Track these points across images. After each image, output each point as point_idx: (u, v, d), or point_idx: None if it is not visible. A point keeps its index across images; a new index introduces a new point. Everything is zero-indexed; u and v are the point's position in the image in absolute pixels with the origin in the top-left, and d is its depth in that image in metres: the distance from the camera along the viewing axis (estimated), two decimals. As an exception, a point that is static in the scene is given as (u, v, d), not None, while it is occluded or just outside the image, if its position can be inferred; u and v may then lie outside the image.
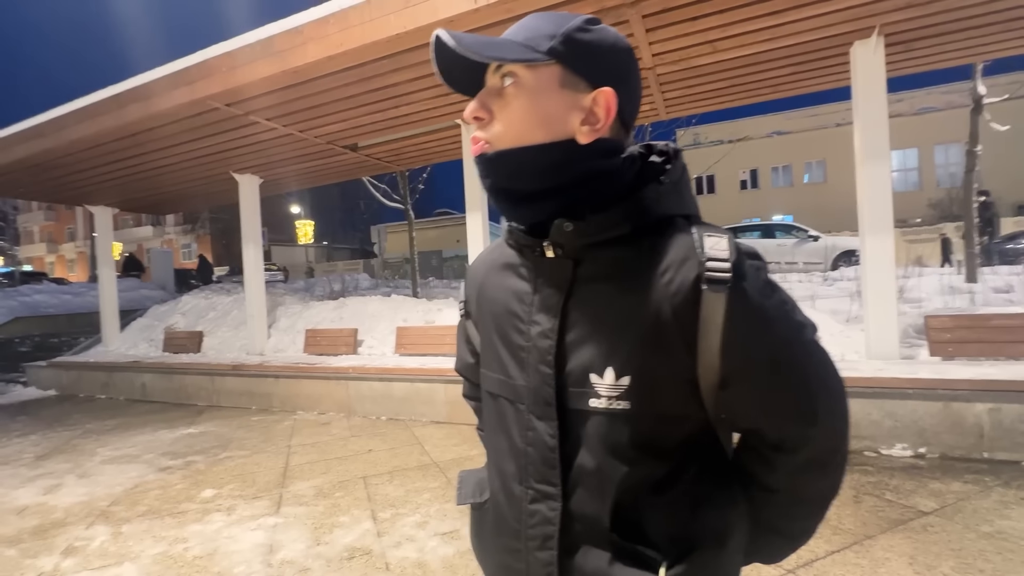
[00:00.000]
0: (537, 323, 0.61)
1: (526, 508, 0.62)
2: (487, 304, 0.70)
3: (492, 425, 0.69)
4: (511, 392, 0.64)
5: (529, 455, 0.61)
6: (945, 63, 4.74)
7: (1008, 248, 9.89)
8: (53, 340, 10.49)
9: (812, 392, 0.57)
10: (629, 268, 0.57)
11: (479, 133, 0.61)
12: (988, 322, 3.81)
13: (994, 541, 2.24)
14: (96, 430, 5.21)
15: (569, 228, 0.57)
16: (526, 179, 0.59)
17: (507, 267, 0.67)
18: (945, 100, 19.59)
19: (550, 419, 0.59)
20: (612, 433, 0.57)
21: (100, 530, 2.86)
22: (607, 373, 0.56)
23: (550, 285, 0.61)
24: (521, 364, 0.63)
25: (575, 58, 0.57)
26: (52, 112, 5.68)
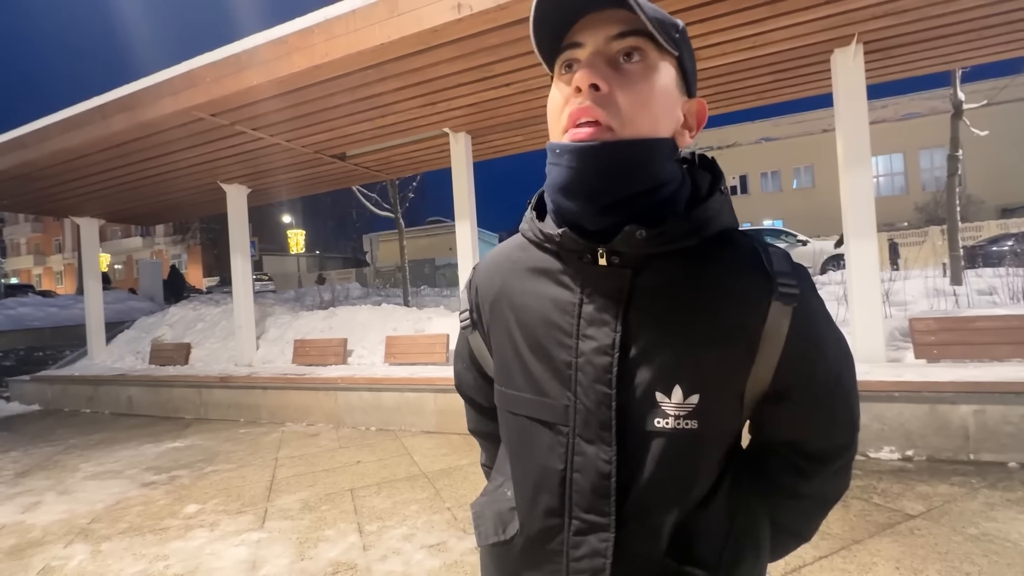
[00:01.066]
0: (591, 337, 0.54)
1: (570, 540, 0.55)
2: (511, 313, 0.61)
3: (517, 450, 0.61)
4: (549, 413, 0.57)
5: (576, 483, 0.55)
6: (923, 70, 4.83)
7: (992, 251, 10.04)
8: (38, 354, 10.31)
9: (855, 405, 0.60)
10: (692, 280, 0.54)
11: (601, 111, 0.50)
12: (972, 324, 3.85)
13: (980, 543, 2.24)
14: (79, 445, 5.12)
15: (642, 236, 0.51)
16: (636, 176, 0.52)
17: (539, 272, 0.59)
18: (928, 106, 19.98)
19: (605, 443, 0.53)
20: (676, 455, 0.53)
21: (79, 548, 2.79)
22: (675, 392, 0.52)
23: (604, 296, 0.54)
24: (565, 382, 0.55)
25: (688, 60, 0.55)
26: (36, 123, 5.62)
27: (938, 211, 17.42)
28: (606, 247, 0.53)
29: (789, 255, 0.56)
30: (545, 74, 4.41)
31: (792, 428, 0.60)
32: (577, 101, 0.51)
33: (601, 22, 0.51)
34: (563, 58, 0.54)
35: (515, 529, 0.61)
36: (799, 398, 0.56)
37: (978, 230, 13.67)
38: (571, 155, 0.51)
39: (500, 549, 0.63)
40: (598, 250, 0.54)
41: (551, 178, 0.55)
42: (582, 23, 0.52)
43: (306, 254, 28.70)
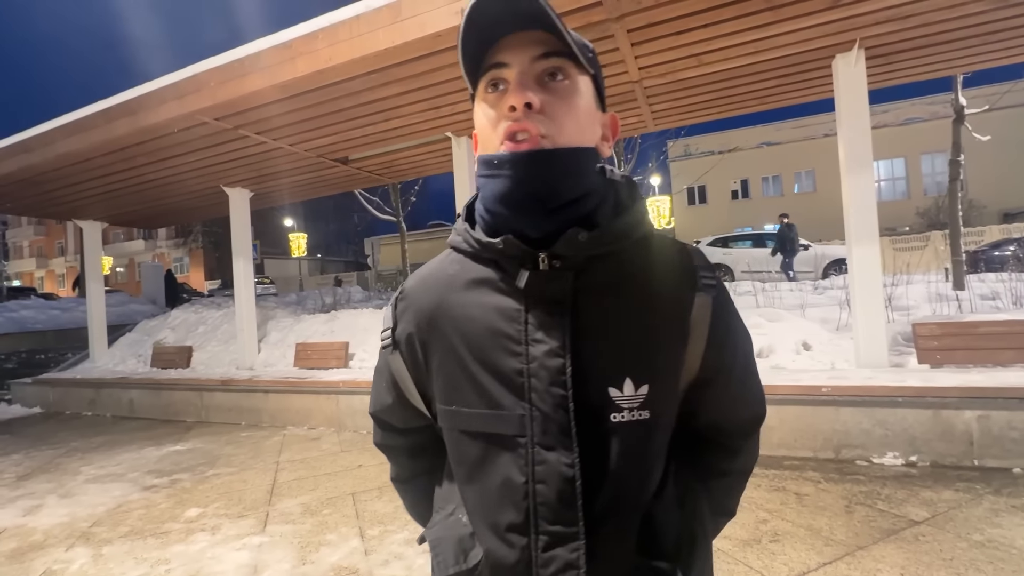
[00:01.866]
0: (541, 341, 0.54)
1: (538, 558, 0.53)
2: (453, 328, 0.60)
3: (472, 471, 0.59)
4: (504, 426, 0.55)
5: (539, 494, 0.53)
6: (925, 75, 4.83)
7: (995, 255, 10.02)
8: (40, 356, 10.33)
9: (758, 378, 0.68)
10: (628, 279, 0.57)
11: (534, 125, 0.53)
12: (975, 329, 3.84)
13: (985, 550, 2.23)
14: (81, 448, 5.11)
15: (584, 237, 0.53)
16: (572, 182, 0.54)
17: (480, 283, 0.59)
18: (930, 111, 20.00)
19: (566, 448, 0.53)
20: (634, 447, 0.55)
21: (80, 552, 2.79)
22: (626, 384, 0.55)
23: (550, 300, 0.55)
24: (518, 392, 0.55)
25: (600, 77, 0.60)
26: (40, 127, 5.65)
27: (940, 216, 17.42)
28: (547, 252, 0.55)
29: (703, 253, 0.62)
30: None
31: (716, 409, 0.64)
32: (513, 117, 0.54)
33: (524, 43, 0.54)
34: (489, 77, 0.56)
35: (478, 557, 0.58)
36: (724, 380, 0.62)
37: (980, 235, 13.66)
38: (513, 164, 0.53)
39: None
40: (539, 255, 0.55)
41: (490, 189, 0.56)
42: (505, 43, 0.55)
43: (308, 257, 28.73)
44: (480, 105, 0.58)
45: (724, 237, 12.88)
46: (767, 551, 2.35)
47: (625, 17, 3.50)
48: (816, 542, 2.40)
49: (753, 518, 2.68)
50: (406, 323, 0.64)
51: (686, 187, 23.66)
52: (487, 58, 0.56)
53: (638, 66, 4.28)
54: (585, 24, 3.51)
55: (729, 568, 2.23)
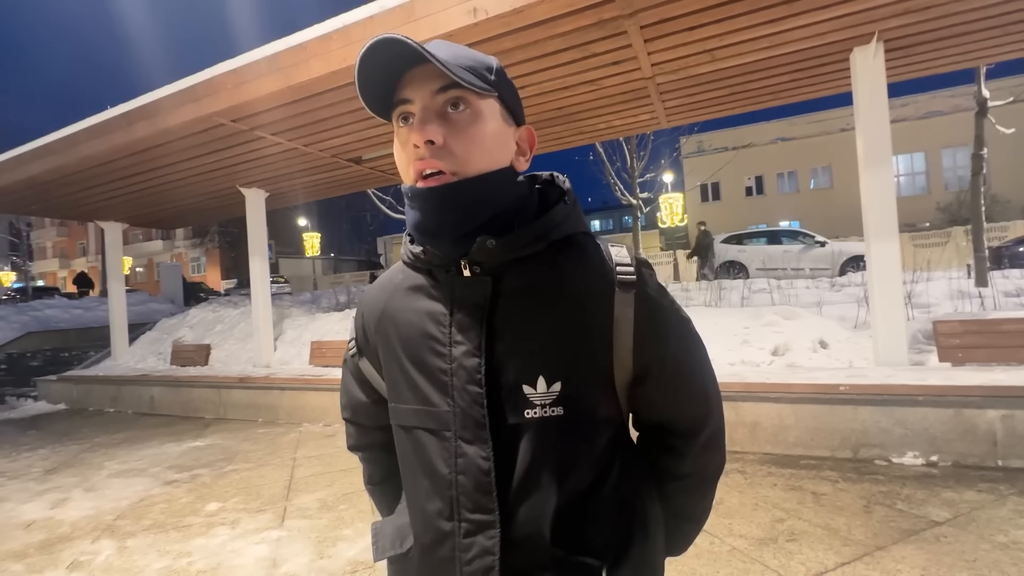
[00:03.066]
0: (460, 343, 0.58)
1: (460, 543, 0.58)
2: (393, 330, 0.65)
3: (409, 463, 0.64)
4: (433, 421, 0.60)
5: (460, 484, 0.58)
6: (945, 68, 4.73)
7: (1019, 251, 9.77)
8: (64, 354, 10.60)
9: (706, 378, 0.67)
10: (547, 280, 0.59)
11: (436, 160, 0.56)
12: (998, 327, 3.76)
13: (1009, 552, 2.18)
14: (104, 444, 5.24)
15: (492, 244, 0.57)
16: (484, 207, 0.58)
17: (416, 289, 0.64)
18: (951, 104, 19.52)
19: (482, 441, 0.57)
20: (548, 442, 0.57)
21: (105, 544, 2.86)
22: (539, 382, 0.57)
23: (469, 303, 0.59)
24: (443, 389, 0.59)
25: (507, 95, 0.62)
26: (65, 130, 5.80)
27: (961, 211, 17.00)
28: (467, 259, 0.58)
29: (631, 249, 0.64)
30: (561, 75, 4.42)
31: (657, 408, 0.66)
32: (417, 154, 0.56)
33: (423, 78, 0.56)
34: (398, 112, 0.59)
35: (411, 542, 0.64)
36: (657, 377, 0.63)
37: (1004, 230, 13.29)
38: (422, 199, 0.57)
39: (398, 564, 0.66)
40: (461, 262, 0.59)
41: (409, 219, 0.61)
42: (407, 79, 0.57)
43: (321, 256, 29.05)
44: (395, 138, 0.61)
45: (738, 234, 12.73)
46: (784, 550, 2.33)
47: (637, 13, 3.48)
48: (834, 542, 2.37)
49: (769, 517, 2.66)
50: (364, 330, 0.72)
51: (699, 184, 23.42)
52: (396, 94, 0.58)
53: (651, 62, 4.25)
54: (597, 21, 3.50)
55: (745, 567, 2.22)
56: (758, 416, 3.61)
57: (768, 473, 3.25)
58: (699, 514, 0.73)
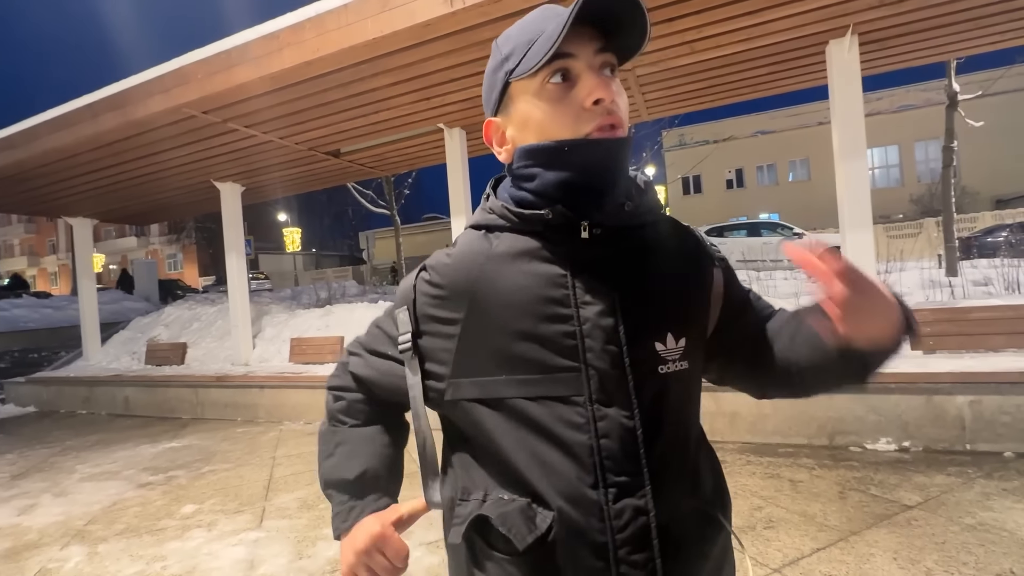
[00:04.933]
0: (590, 303, 0.58)
1: (610, 510, 0.56)
2: (495, 299, 0.60)
3: (524, 441, 0.58)
4: (561, 388, 0.57)
5: (604, 448, 0.56)
6: (918, 61, 4.82)
7: (987, 241, 10.08)
8: (33, 355, 10.26)
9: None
10: (660, 248, 0.64)
11: (616, 116, 0.58)
12: (968, 315, 3.86)
13: (977, 533, 2.25)
14: (76, 447, 5.09)
15: (630, 207, 0.61)
16: (628, 163, 0.63)
17: (523, 254, 0.61)
18: (923, 97, 19.99)
19: (625, 400, 0.57)
20: (680, 395, 0.61)
21: (75, 551, 2.78)
22: (668, 338, 0.60)
23: (595, 264, 0.59)
24: (570, 353, 0.57)
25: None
26: (25, 122, 5.56)
27: (933, 203, 17.48)
28: (589, 221, 0.59)
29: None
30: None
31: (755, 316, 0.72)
32: (605, 108, 0.57)
33: (588, 37, 0.56)
34: (555, 67, 0.57)
35: (547, 521, 0.57)
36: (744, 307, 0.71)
37: (973, 221, 13.72)
38: (604, 148, 0.58)
39: (535, 551, 0.57)
40: (582, 224, 0.59)
41: (555, 177, 0.60)
42: (570, 34, 0.55)
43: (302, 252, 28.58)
44: (535, 100, 0.59)
45: (719, 226, 12.89)
46: (762, 537, 2.36)
47: (617, 4, 3.45)
48: (810, 528, 2.41)
49: (748, 505, 2.69)
50: (420, 320, 0.65)
51: (681, 177, 23.63)
52: (558, 46, 0.55)
53: (631, 54, 4.24)
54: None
55: (724, 555, 2.24)
56: (737, 406, 3.66)
57: (747, 462, 3.30)
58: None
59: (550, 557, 0.58)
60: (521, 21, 0.61)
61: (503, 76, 0.60)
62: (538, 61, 0.55)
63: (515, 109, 0.61)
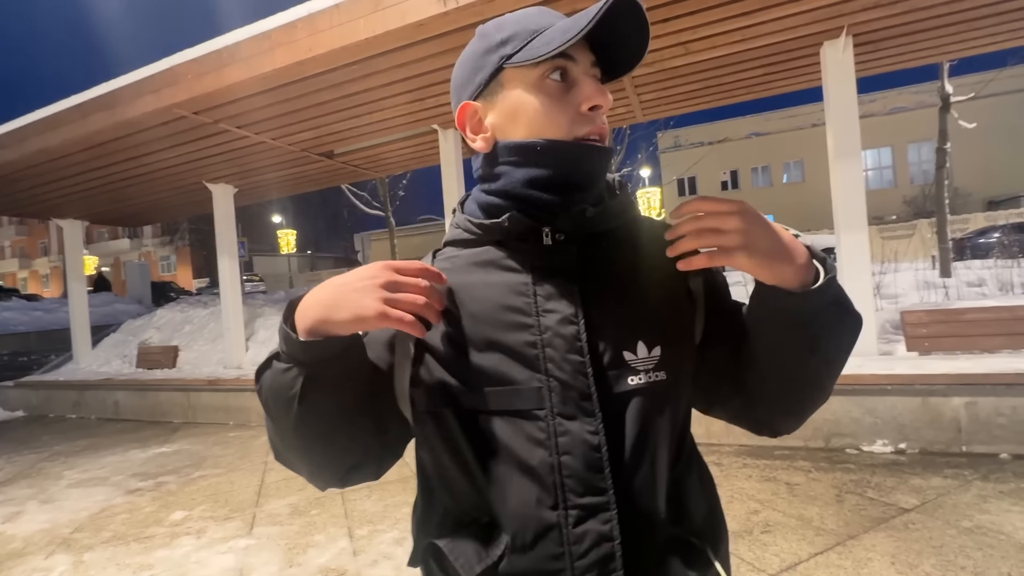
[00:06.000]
0: (552, 311, 0.55)
1: (570, 535, 0.51)
2: (459, 309, 0.57)
3: (481, 455, 0.55)
4: (520, 401, 0.54)
5: (565, 466, 0.52)
6: (912, 62, 4.82)
7: (980, 243, 10.14)
8: (22, 359, 10.15)
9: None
10: (627, 253, 0.60)
11: (607, 127, 0.59)
12: (962, 316, 3.86)
13: (974, 536, 2.23)
14: (64, 452, 5.01)
15: (591, 213, 0.57)
16: (605, 174, 0.62)
17: (484, 263, 0.59)
18: (916, 100, 20.13)
19: (588, 414, 0.53)
20: (654, 409, 0.55)
21: (60, 559, 2.72)
22: (640, 347, 0.56)
23: (557, 270, 0.57)
24: (531, 364, 0.54)
25: None
26: (13, 123, 5.48)
27: (926, 204, 17.58)
28: (551, 227, 0.57)
29: None
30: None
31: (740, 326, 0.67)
32: (598, 117, 0.57)
33: (585, 48, 0.56)
34: (556, 64, 0.55)
35: (500, 547, 0.53)
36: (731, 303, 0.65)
37: (966, 222, 13.81)
38: (589, 154, 0.57)
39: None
40: (543, 230, 0.57)
41: (534, 174, 0.57)
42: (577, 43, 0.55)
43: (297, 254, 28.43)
44: (535, 89, 0.56)
45: (714, 228, 12.88)
46: (759, 542, 2.34)
47: (611, 4, 3.43)
48: (807, 532, 2.39)
49: (745, 509, 2.67)
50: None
51: (676, 178, 23.68)
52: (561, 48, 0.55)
53: (625, 55, 4.22)
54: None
55: (720, 560, 2.22)
56: (733, 408, 3.63)
57: (743, 465, 3.28)
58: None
59: None
60: (514, 14, 0.59)
61: (497, 59, 0.57)
62: (551, 50, 0.52)
63: (504, 97, 0.58)
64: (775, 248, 0.50)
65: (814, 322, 0.52)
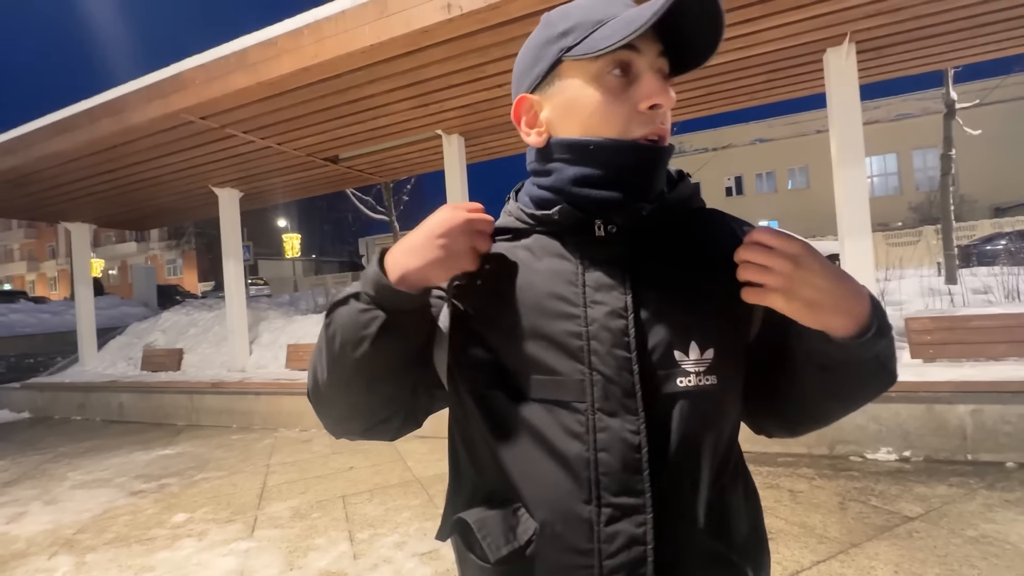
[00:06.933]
0: (600, 303, 0.53)
1: (601, 532, 0.50)
2: (511, 295, 0.57)
3: (518, 441, 0.54)
4: (561, 391, 0.53)
5: (602, 463, 0.51)
6: (916, 69, 4.82)
7: (986, 249, 10.07)
8: (29, 360, 10.21)
9: None
10: (684, 247, 0.57)
11: (667, 126, 0.57)
12: (968, 323, 3.83)
13: (979, 546, 2.21)
14: (69, 453, 5.04)
15: (647, 211, 0.55)
16: (663, 174, 0.59)
17: (537, 252, 0.58)
18: (921, 106, 20.09)
19: (630, 412, 0.51)
20: (702, 415, 0.53)
21: (63, 560, 2.73)
22: (692, 348, 0.53)
23: (609, 261, 0.55)
24: (575, 355, 0.53)
25: None
26: (23, 127, 5.56)
27: (932, 211, 17.49)
28: (602, 220, 0.56)
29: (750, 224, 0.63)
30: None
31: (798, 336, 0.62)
32: (658, 116, 0.54)
33: (654, 37, 0.53)
34: (619, 58, 0.53)
35: (529, 532, 0.53)
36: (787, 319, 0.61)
37: (972, 229, 13.72)
38: (647, 155, 0.55)
39: (511, 564, 0.54)
40: (596, 222, 0.56)
41: (587, 172, 0.56)
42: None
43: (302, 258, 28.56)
44: (595, 83, 0.54)
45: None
46: (760, 550, 2.32)
47: (614, 11, 3.46)
48: (810, 540, 2.37)
49: (746, 516, 2.65)
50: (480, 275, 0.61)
51: (680, 184, 23.67)
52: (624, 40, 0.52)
53: (628, 61, 4.24)
54: None
55: (722, 568, 2.20)
56: (736, 414, 3.62)
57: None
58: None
59: (528, 572, 0.53)
60: (580, 1, 0.56)
61: (556, 51, 0.55)
62: (612, 44, 0.50)
63: (561, 89, 0.56)
64: (821, 299, 0.48)
65: (844, 371, 0.52)
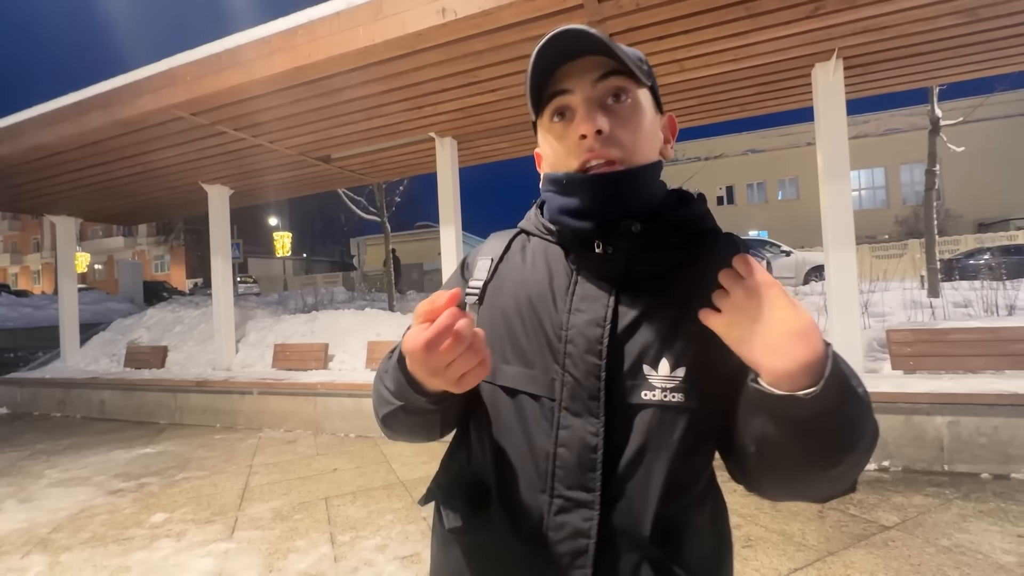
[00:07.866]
0: (582, 311, 0.57)
1: (551, 521, 0.55)
2: (511, 283, 0.65)
3: (499, 423, 0.60)
4: (535, 385, 0.58)
5: (560, 458, 0.55)
6: (901, 86, 4.92)
7: (969, 264, 10.26)
8: (9, 355, 10.00)
9: None
10: (680, 271, 0.59)
11: (605, 150, 0.56)
12: (947, 336, 3.91)
13: (952, 555, 2.25)
14: (47, 450, 4.95)
15: (637, 229, 0.57)
16: (642, 197, 0.59)
17: (542, 255, 0.65)
18: (909, 122, 20.45)
19: (592, 415, 0.54)
20: (663, 429, 0.54)
21: (36, 560, 2.68)
22: (662, 364, 0.55)
23: (597, 277, 0.59)
24: (554, 355, 0.57)
25: (655, 85, 0.63)
26: (9, 118, 5.47)
27: (918, 224, 17.79)
28: (602, 239, 0.59)
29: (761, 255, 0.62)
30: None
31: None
32: (585, 145, 0.56)
33: (584, 68, 0.56)
34: (554, 106, 0.58)
35: (486, 510, 0.59)
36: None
37: (955, 244, 13.97)
38: (591, 187, 0.57)
39: (469, 534, 0.61)
40: (595, 242, 0.59)
41: (557, 203, 0.61)
42: (565, 70, 0.57)
43: (292, 257, 28.34)
44: (546, 135, 0.62)
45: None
46: (739, 557, 2.34)
47: (606, 21, 3.50)
48: (788, 547, 2.40)
49: (727, 523, 2.68)
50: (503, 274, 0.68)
51: (672, 192, 23.86)
52: (548, 87, 0.58)
53: (621, 70, 4.28)
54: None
55: (701, 574, 2.22)
56: (720, 422, 3.65)
57: (726, 479, 3.28)
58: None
59: (485, 547, 0.59)
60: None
61: (533, 116, 0.64)
62: (531, 104, 0.60)
63: (539, 135, 0.65)
64: (757, 330, 0.45)
65: (778, 434, 0.48)
